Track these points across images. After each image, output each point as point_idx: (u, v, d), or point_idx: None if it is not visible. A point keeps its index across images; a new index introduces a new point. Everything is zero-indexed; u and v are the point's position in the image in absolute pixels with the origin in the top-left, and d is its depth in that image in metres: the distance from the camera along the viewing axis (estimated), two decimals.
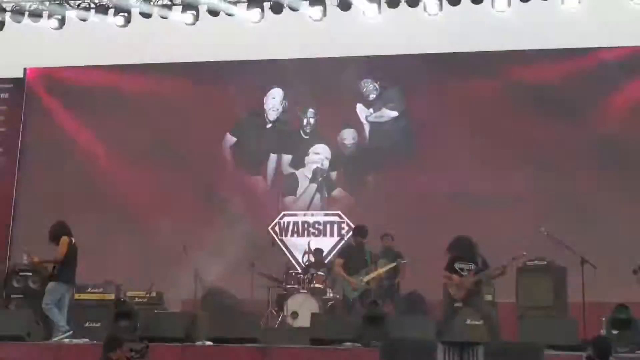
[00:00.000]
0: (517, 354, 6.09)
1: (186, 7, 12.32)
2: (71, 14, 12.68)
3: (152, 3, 12.46)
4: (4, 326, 9.29)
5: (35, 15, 12.69)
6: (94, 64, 14.30)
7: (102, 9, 12.57)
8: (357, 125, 13.89)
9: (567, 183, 12.41)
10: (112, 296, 11.85)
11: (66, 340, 9.64)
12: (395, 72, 13.69)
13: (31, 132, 14.66)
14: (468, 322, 10.41)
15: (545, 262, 10.74)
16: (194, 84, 14.16)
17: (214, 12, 12.28)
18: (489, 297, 10.70)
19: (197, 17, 12.34)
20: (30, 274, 11.63)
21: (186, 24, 12.32)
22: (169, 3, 12.46)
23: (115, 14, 12.48)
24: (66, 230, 10.25)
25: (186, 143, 14.06)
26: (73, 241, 10.15)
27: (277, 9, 12.12)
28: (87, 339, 9.58)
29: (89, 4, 12.66)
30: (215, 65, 14.23)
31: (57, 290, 9.95)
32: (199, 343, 9.03)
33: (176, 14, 12.41)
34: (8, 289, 11.17)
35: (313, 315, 9.70)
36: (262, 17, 12.10)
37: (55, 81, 14.83)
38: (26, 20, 12.71)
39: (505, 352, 6.09)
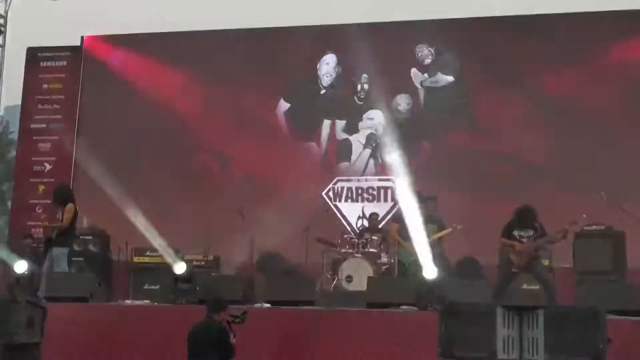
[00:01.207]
0: (578, 318, 5.97)
1: None
2: None
3: None
4: (68, 288, 9.48)
5: None
6: (150, 32, 14.46)
7: None
8: (411, 90, 13.80)
9: (625, 149, 12.16)
10: (171, 259, 12.07)
11: (127, 302, 9.88)
12: (451, 36, 13.51)
13: (89, 100, 14.84)
14: (525, 286, 10.40)
15: (603, 227, 10.65)
16: (249, 49, 14.17)
17: None
18: (546, 262, 10.63)
19: None
20: (90, 237, 11.91)
21: None
22: None
23: None
24: (72, 195, 10.40)
25: (241, 108, 14.12)
26: (76, 208, 10.21)
27: None
28: (148, 301, 9.80)
29: None
30: (269, 31, 14.25)
31: (65, 256, 10.11)
32: (257, 305, 9.14)
33: None
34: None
35: (369, 278, 9.72)
36: None
37: (112, 49, 14.97)
38: None
39: (566, 317, 5.98)
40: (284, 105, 14.25)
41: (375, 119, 13.90)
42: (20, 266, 10.27)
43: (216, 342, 7.17)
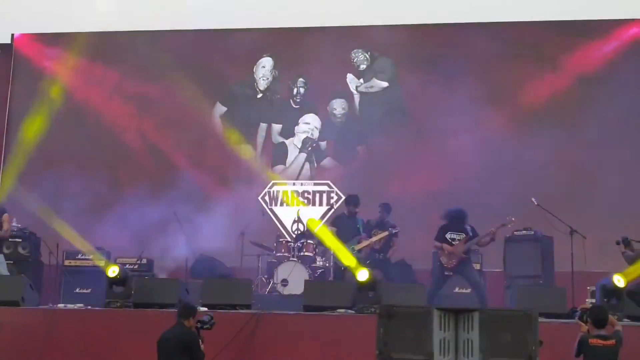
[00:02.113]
0: (512, 320, 6.15)
1: None
2: None
3: None
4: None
5: None
6: (80, 30, 14.21)
7: None
8: (347, 95, 13.93)
9: (559, 153, 12.47)
10: (103, 263, 11.92)
11: (61, 305, 9.72)
12: (386, 42, 13.67)
13: (18, 100, 14.53)
14: (457, 289, 10.66)
15: (532, 232, 10.93)
16: (184, 51, 14.07)
17: None
18: (477, 266, 10.90)
19: None
20: (20, 240, 11.66)
21: None
22: None
23: None
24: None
25: (176, 111, 14.02)
26: None
27: None
28: (81, 305, 9.66)
29: None
30: (205, 33, 14.18)
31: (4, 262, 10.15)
32: None
33: None
34: None
35: (306, 282, 9.79)
36: None
37: (44, 47, 14.68)
38: None
39: (500, 319, 6.15)
40: (220, 109, 14.21)
41: (312, 122, 13.98)
42: None
43: (188, 348, 7.15)
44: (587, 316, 6.78)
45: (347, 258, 10.13)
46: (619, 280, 8.62)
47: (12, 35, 14.80)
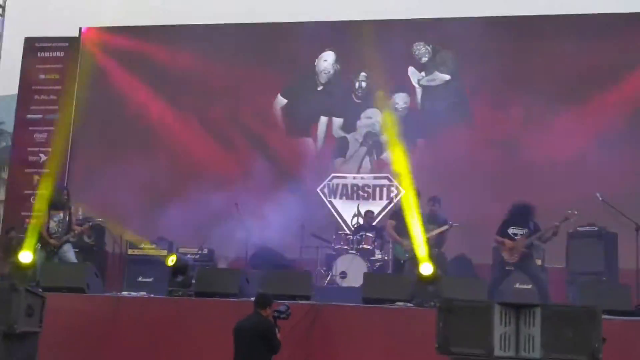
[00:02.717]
0: (574, 317, 6.04)
1: None
2: None
3: None
4: (65, 278, 9.50)
5: None
6: (148, 24, 14.46)
7: None
8: (409, 88, 13.86)
9: (624, 150, 12.21)
10: (165, 252, 12.12)
11: (124, 293, 9.91)
12: (448, 35, 13.56)
13: (86, 91, 14.83)
14: (517, 285, 10.55)
15: (596, 228, 10.76)
16: (247, 45, 14.20)
17: None
18: (538, 262, 10.76)
19: None
20: (88, 229, 11.91)
21: None
22: None
23: None
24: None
25: (238, 103, 14.18)
26: None
27: None
28: (144, 292, 9.83)
29: None
30: (268, 27, 14.28)
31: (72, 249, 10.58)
32: (253, 298, 9.14)
33: None
34: None
35: (365, 274, 9.75)
36: None
37: (110, 41, 14.97)
38: None
39: (562, 314, 6.06)
40: (281, 101, 14.29)
41: (373, 117, 13.95)
42: (25, 256, 10.28)
43: (265, 337, 7.21)
44: None
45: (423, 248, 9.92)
46: None
47: (80, 28, 15.11)
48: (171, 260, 9.62)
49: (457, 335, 6.16)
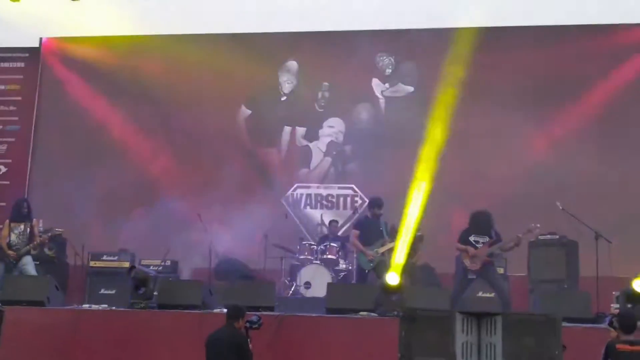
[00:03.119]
0: (535, 324, 6.12)
1: None
2: None
3: None
4: (25, 291, 9.40)
5: None
6: (108, 35, 14.34)
7: None
8: (372, 99, 13.92)
9: (582, 158, 12.32)
10: (127, 264, 12.02)
11: (85, 305, 9.81)
12: (412, 46, 13.64)
13: (46, 101, 14.70)
14: (480, 294, 10.61)
15: (557, 236, 10.86)
16: (208, 55, 14.10)
17: None
18: (501, 270, 10.85)
19: None
20: (48, 241, 11.74)
21: None
22: None
23: None
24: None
25: (200, 114, 14.09)
26: None
27: None
28: (106, 305, 9.73)
29: None
30: (230, 37, 14.23)
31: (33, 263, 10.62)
32: (216, 310, 9.14)
33: None
34: None
35: (329, 284, 9.79)
36: None
37: (70, 51, 14.81)
38: None
39: (523, 323, 6.13)
40: (245, 112, 14.26)
41: (336, 126, 13.99)
42: None
43: (240, 350, 7.19)
44: (616, 321, 6.73)
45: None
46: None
47: (40, 39, 14.95)
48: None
49: (419, 345, 6.20)
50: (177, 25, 13.59)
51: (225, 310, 7.69)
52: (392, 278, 9.01)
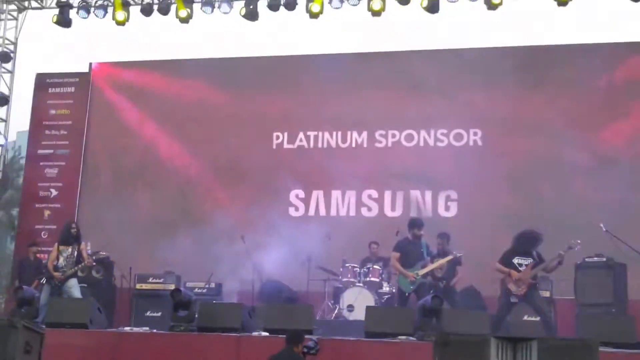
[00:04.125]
0: (571, 349, 5.97)
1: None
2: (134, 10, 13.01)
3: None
4: (69, 314, 9.54)
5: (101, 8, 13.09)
6: (156, 59, 14.60)
7: (165, 5, 12.90)
8: None
9: (627, 180, 12.07)
10: (173, 286, 12.11)
11: (127, 328, 9.90)
12: None
13: (95, 126, 14.95)
14: (525, 317, 10.42)
15: (604, 259, 10.62)
16: (250, 78, 14.25)
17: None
18: (546, 294, 10.65)
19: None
20: (94, 264, 11.93)
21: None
22: None
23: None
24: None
25: (242, 135, 14.17)
26: None
27: None
28: (147, 328, 9.81)
29: (152, 0, 12.97)
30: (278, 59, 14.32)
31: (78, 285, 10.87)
32: (255, 333, 9.14)
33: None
34: None
35: (368, 308, 9.69)
36: None
37: (120, 76, 15.10)
38: (92, 15, 13.14)
39: (559, 348, 5.98)
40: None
41: None
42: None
43: None
44: None
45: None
46: None
47: (90, 64, 15.28)
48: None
49: None
50: (222, 48, 13.76)
51: (285, 334, 7.59)
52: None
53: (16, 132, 15.47)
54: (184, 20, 12.97)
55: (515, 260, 9.83)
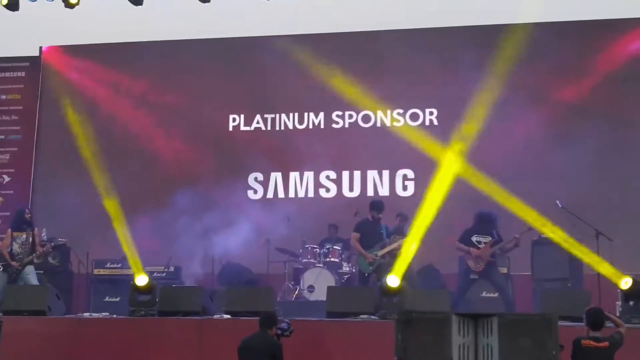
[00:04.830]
0: (531, 324, 6.06)
1: None
2: None
3: None
4: (26, 301, 9.42)
5: None
6: (109, 42, 14.36)
7: None
8: None
9: (581, 154, 12.20)
10: (130, 271, 12.02)
11: (86, 314, 9.81)
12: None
13: (47, 110, 14.68)
14: (484, 294, 10.57)
15: None
16: (206, 60, 14.14)
17: None
18: (504, 270, 10.79)
19: None
20: (51, 250, 11.77)
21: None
22: None
23: None
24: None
25: (199, 118, 14.04)
26: None
27: None
28: (107, 313, 9.73)
29: None
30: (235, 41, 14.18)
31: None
32: (216, 316, 9.12)
33: None
34: None
35: (329, 288, 9.74)
36: None
37: (71, 59, 14.83)
38: None
39: (519, 323, 6.07)
40: None
41: None
42: None
43: (272, 356, 7.12)
44: (585, 317, 6.70)
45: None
46: None
47: (40, 48, 14.99)
48: (142, 280, 9.43)
49: (415, 347, 6.15)
50: (178, 31, 13.56)
51: (259, 317, 7.53)
52: (393, 280, 8.95)
53: None
54: (137, 2, 12.72)
55: (474, 238, 10.03)
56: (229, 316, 9.01)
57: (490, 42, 12.08)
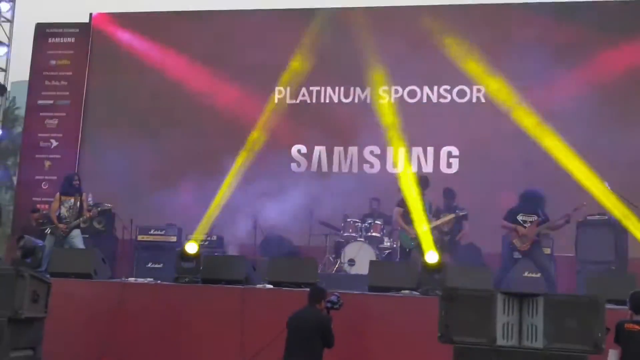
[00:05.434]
0: (577, 306, 6.00)
1: None
2: None
3: None
4: (73, 264, 9.55)
5: None
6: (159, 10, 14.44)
7: None
8: None
9: (627, 137, 12.00)
10: (174, 238, 12.17)
11: (131, 279, 9.95)
12: None
13: (96, 76, 14.83)
14: (526, 274, 10.50)
15: (606, 217, 10.66)
16: (256, 30, 14.11)
17: None
18: (547, 251, 10.71)
19: None
20: (97, 215, 11.92)
21: None
22: None
23: None
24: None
25: (245, 89, 14.01)
26: None
27: None
28: (151, 279, 9.86)
29: None
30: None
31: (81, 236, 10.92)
32: (259, 286, 9.19)
33: None
34: None
35: (371, 262, 9.72)
36: None
37: (120, 26, 14.92)
38: None
39: (565, 304, 6.01)
40: None
41: None
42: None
43: (325, 332, 7.16)
44: (629, 301, 6.64)
45: (426, 236, 9.89)
46: None
47: (90, 14, 15.11)
48: (192, 248, 9.52)
49: (459, 325, 6.14)
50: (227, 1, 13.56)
51: (309, 290, 7.54)
52: (431, 256, 8.93)
53: (10, 82, 15.28)
54: None
55: (520, 217, 9.93)
56: (271, 286, 9.06)
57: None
